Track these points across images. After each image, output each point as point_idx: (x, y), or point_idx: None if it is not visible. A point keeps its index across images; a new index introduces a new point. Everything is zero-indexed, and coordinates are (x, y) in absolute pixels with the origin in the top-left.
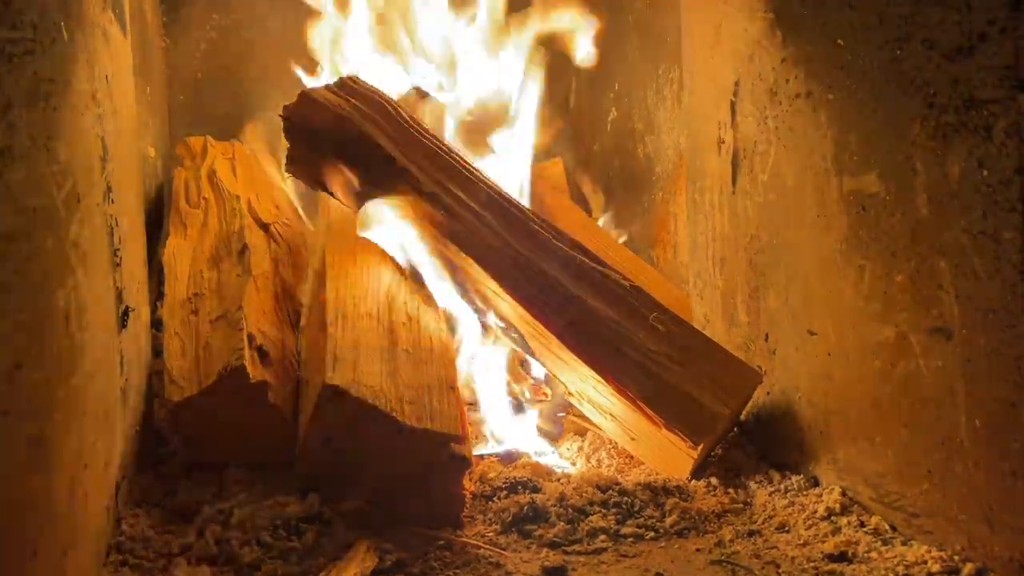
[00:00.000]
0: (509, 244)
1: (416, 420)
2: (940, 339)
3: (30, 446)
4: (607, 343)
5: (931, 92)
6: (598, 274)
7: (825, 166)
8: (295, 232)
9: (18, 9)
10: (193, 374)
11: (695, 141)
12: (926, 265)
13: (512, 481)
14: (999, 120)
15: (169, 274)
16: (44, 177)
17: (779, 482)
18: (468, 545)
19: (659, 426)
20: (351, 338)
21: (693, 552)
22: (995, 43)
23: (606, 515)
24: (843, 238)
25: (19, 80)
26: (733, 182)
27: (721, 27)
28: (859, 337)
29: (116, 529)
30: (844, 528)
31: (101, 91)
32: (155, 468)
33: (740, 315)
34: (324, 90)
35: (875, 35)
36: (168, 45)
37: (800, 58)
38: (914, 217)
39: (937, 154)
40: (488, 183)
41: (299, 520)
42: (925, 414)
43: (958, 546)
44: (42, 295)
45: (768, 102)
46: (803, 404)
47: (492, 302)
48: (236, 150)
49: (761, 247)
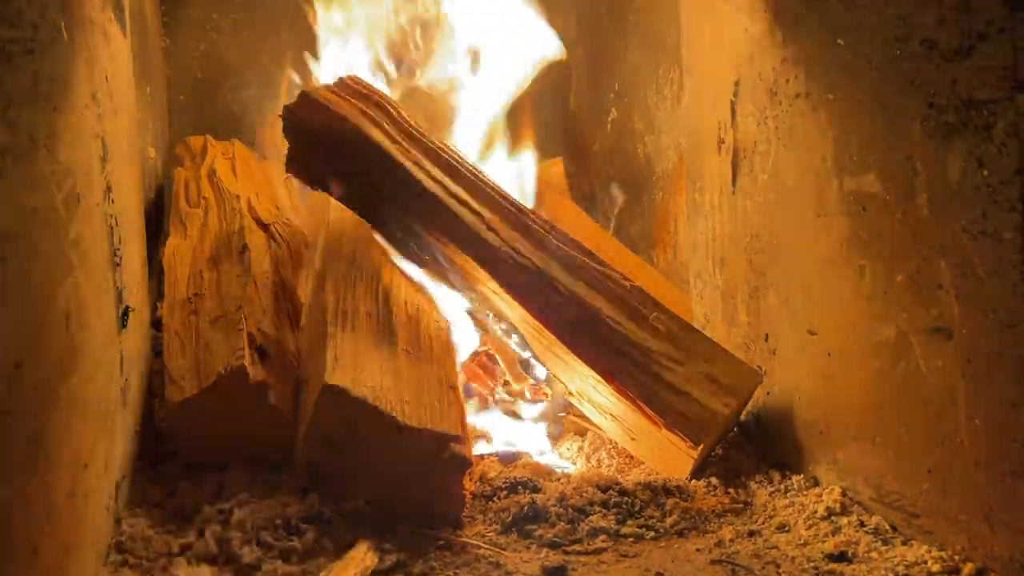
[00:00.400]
0: (510, 244)
1: (416, 420)
2: (940, 339)
3: (30, 446)
4: (607, 343)
5: (931, 92)
6: (598, 274)
7: (825, 166)
8: (295, 232)
9: (18, 8)
10: (193, 374)
11: (695, 141)
12: (926, 265)
13: (512, 481)
14: (999, 120)
15: (169, 274)
16: (44, 177)
17: (779, 482)
18: (468, 545)
19: (659, 426)
20: (351, 338)
21: (693, 552)
22: (994, 43)
23: (606, 515)
24: (843, 238)
25: (19, 79)
26: (733, 182)
27: (721, 27)
28: (859, 337)
29: (116, 529)
30: (844, 528)
31: (101, 91)
32: (155, 468)
33: (740, 315)
34: (324, 90)
35: (875, 35)
36: (168, 45)
37: (800, 58)
38: (914, 217)
39: (937, 154)
40: (488, 182)
41: (299, 520)
42: (925, 414)
43: (958, 546)
44: (42, 295)
45: (768, 102)
46: (803, 404)
47: (492, 302)
48: (236, 150)
49: (761, 247)
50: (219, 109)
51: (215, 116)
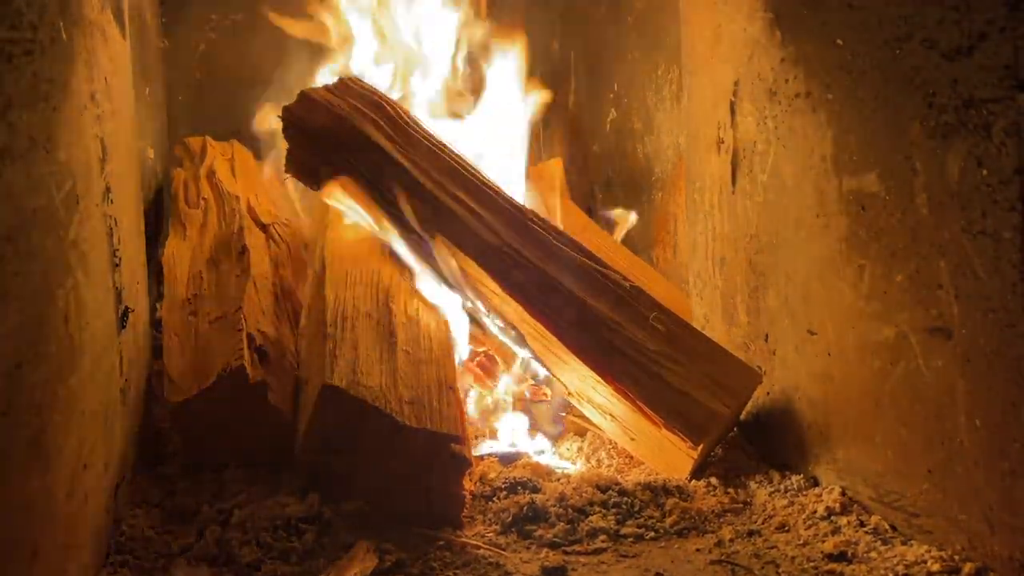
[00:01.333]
0: (509, 244)
1: (416, 420)
2: (940, 339)
3: (30, 446)
4: (607, 343)
5: (931, 92)
6: (598, 274)
7: (825, 166)
8: (294, 232)
9: (17, 9)
10: (192, 375)
11: (694, 141)
12: (926, 265)
13: (512, 481)
14: (998, 119)
15: (168, 275)
16: (43, 177)
17: (779, 482)
18: (468, 545)
19: (659, 426)
20: (350, 338)
21: (693, 552)
22: (995, 43)
23: (606, 515)
24: (843, 238)
25: (19, 80)
26: (733, 182)
27: (720, 27)
28: (859, 337)
29: (116, 529)
30: (844, 528)
31: (100, 92)
32: (155, 468)
33: (740, 315)
34: (324, 90)
35: (875, 35)
36: (167, 46)
37: (800, 58)
38: (914, 217)
39: (937, 154)
40: (488, 183)
41: (299, 520)
42: (925, 414)
43: (958, 546)
44: (42, 295)
45: (767, 102)
46: (803, 404)
47: (492, 302)
48: (235, 150)
49: (761, 247)
50: (218, 110)
51: (214, 117)
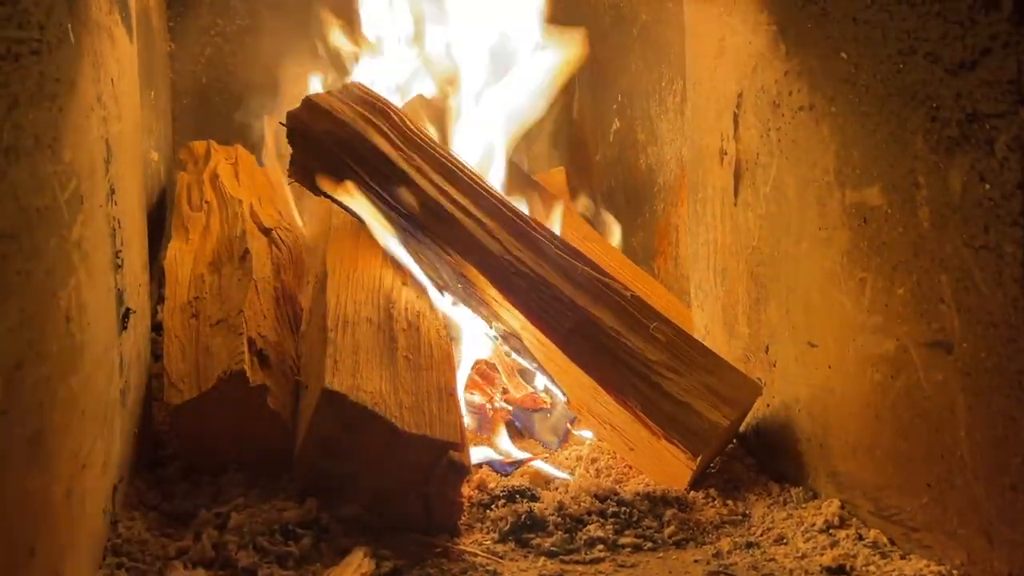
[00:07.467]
0: (511, 252)
1: (415, 426)
2: (941, 353)
3: (29, 446)
4: (607, 352)
5: (934, 106)
6: (599, 283)
7: (827, 179)
8: (296, 237)
9: (25, 9)
10: (193, 378)
11: (697, 152)
12: (927, 278)
13: (510, 489)
14: (1001, 134)
15: (170, 277)
16: (48, 177)
17: (778, 494)
18: (465, 553)
19: (658, 436)
20: (351, 343)
21: (691, 563)
22: (998, 58)
23: (604, 525)
24: (844, 251)
25: (25, 80)
26: (735, 194)
27: (725, 39)
28: (860, 350)
29: (113, 531)
30: (842, 541)
31: (106, 93)
32: (153, 471)
33: (740, 326)
34: (328, 96)
35: (879, 48)
36: (173, 50)
37: (803, 71)
38: (916, 230)
39: (939, 167)
40: (491, 191)
41: (296, 525)
42: (925, 427)
43: (957, 560)
44: (44, 295)
45: (771, 114)
46: (803, 416)
47: (493, 309)
48: (239, 154)
49: (762, 259)
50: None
51: (219, 121)
